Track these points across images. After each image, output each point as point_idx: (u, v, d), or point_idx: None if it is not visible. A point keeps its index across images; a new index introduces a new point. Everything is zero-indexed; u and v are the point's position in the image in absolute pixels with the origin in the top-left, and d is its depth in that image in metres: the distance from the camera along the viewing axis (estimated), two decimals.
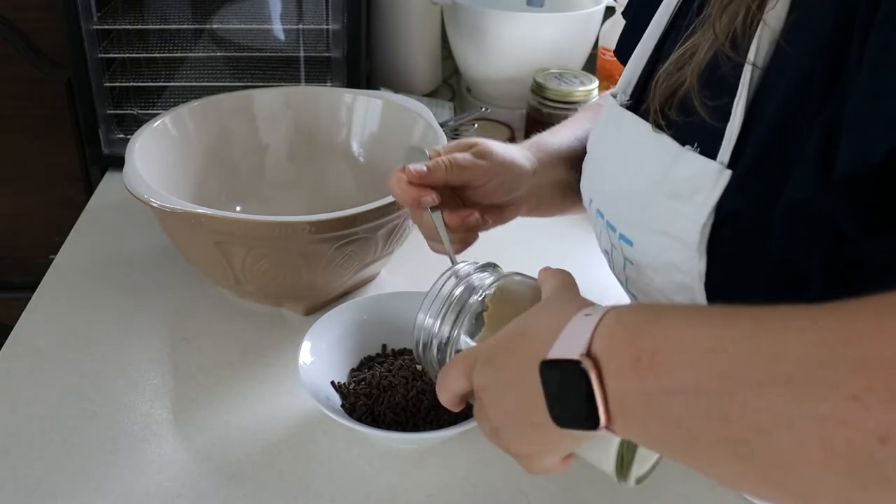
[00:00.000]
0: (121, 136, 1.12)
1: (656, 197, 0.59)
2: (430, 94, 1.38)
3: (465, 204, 0.72)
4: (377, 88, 1.24)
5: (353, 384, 0.72)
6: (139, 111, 1.13)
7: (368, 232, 0.79)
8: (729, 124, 0.54)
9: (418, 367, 0.72)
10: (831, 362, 0.35)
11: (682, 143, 0.58)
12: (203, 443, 0.71)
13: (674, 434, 0.41)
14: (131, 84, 1.12)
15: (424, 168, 0.68)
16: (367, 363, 0.76)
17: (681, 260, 0.57)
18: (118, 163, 1.06)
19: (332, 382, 0.73)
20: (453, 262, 0.66)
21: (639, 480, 0.53)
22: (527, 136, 1.21)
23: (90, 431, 0.72)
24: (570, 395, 0.44)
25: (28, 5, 1.20)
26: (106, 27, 1.07)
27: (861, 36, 0.46)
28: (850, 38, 0.46)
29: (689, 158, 0.57)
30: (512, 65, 1.25)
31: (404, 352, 0.77)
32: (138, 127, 0.90)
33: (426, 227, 0.71)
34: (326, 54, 1.11)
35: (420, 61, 1.34)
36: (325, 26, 1.10)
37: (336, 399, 0.71)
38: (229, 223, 0.76)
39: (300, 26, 1.13)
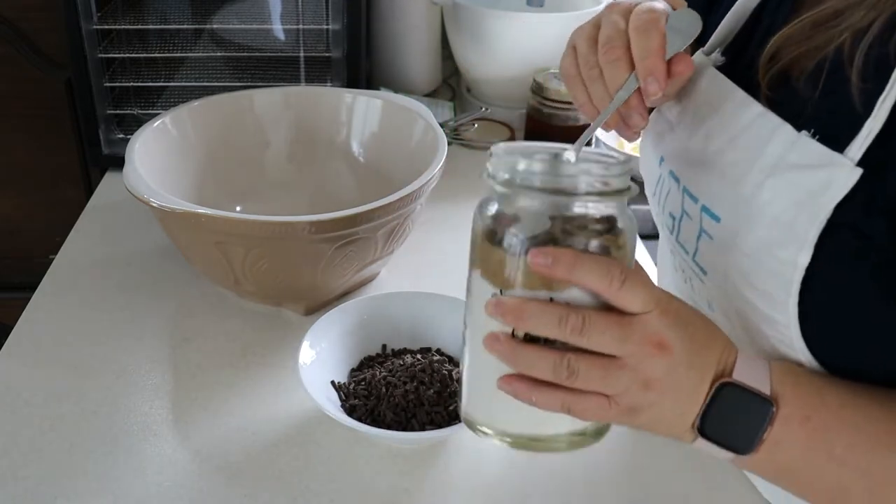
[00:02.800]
0: (121, 136, 1.12)
1: (757, 177, 0.55)
2: (430, 94, 1.38)
3: None
4: (377, 88, 1.24)
5: (353, 384, 0.72)
6: (139, 111, 1.13)
7: (368, 232, 0.79)
8: (870, 119, 0.49)
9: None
10: None
11: (795, 126, 0.53)
12: (203, 443, 0.71)
13: (820, 486, 0.51)
14: (131, 84, 1.12)
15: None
16: (367, 363, 0.76)
17: (782, 250, 0.53)
18: (118, 163, 1.06)
19: (332, 382, 0.73)
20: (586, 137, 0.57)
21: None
22: (527, 136, 1.21)
23: (90, 431, 0.72)
24: (740, 420, 0.50)
25: (28, 5, 1.20)
26: (106, 27, 1.07)
27: None
28: None
29: (808, 146, 0.52)
30: (512, 65, 1.25)
31: (404, 352, 0.77)
32: (138, 127, 0.90)
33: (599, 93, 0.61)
34: (326, 54, 1.11)
35: (420, 61, 1.35)
36: (325, 26, 1.10)
37: (336, 399, 0.71)
38: (229, 223, 0.76)
39: (300, 26, 1.13)
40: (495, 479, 0.69)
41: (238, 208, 0.96)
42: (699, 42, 0.66)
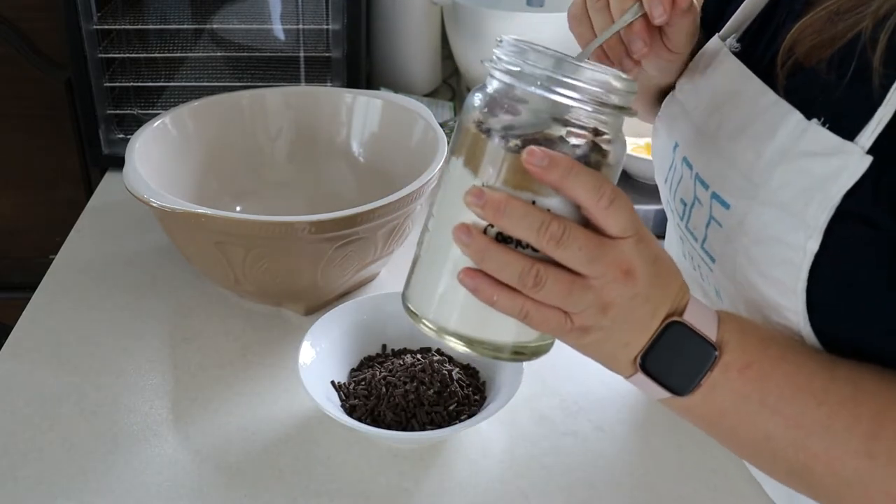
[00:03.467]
0: (121, 136, 1.12)
1: (767, 164, 0.55)
2: (430, 94, 1.38)
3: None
4: (377, 88, 1.24)
5: (353, 384, 0.72)
6: (139, 111, 1.13)
7: (368, 232, 0.79)
8: (882, 107, 0.49)
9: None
10: None
11: (805, 114, 0.53)
12: (203, 443, 0.71)
13: (746, 435, 0.52)
14: (131, 84, 1.12)
15: None
16: (367, 363, 0.76)
17: (791, 237, 0.53)
18: (118, 163, 1.06)
19: (332, 382, 0.73)
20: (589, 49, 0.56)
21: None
22: None
23: (90, 431, 0.72)
24: (682, 362, 0.51)
25: (28, 5, 1.20)
26: (106, 27, 1.07)
27: None
28: None
29: (819, 134, 0.52)
30: None
31: (404, 352, 0.77)
32: (138, 127, 0.90)
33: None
34: (326, 54, 1.11)
35: (420, 61, 1.35)
36: (325, 26, 1.10)
37: (336, 399, 0.71)
38: (229, 223, 0.76)
39: (300, 26, 1.13)
40: (495, 479, 0.69)
41: (238, 208, 0.96)
42: (714, 27, 0.67)
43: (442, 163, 0.85)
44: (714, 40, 0.66)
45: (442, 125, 0.96)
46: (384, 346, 0.78)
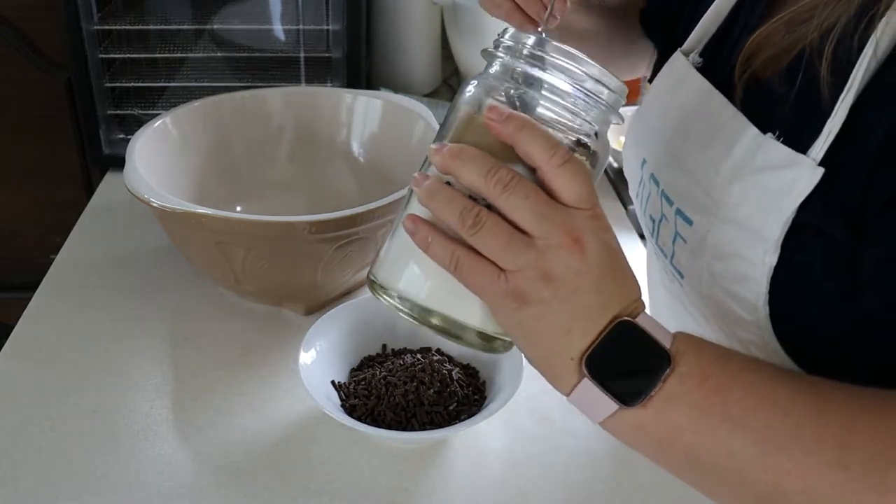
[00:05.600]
0: (121, 136, 1.12)
1: (724, 180, 0.55)
2: (430, 94, 1.38)
3: None
4: (377, 88, 1.24)
5: (353, 384, 0.72)
6: (139, 111, 1.13)
7: (368, 232, 0.79)
8: (830, 119, 0.48)
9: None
10: (888, 469, 0.42)
11: (761, 128, 0.53)
12: (203, 443, 0.71)
13: (706, 456, 0.45)
14: (132, 84, 1.12)
15: None
16: (367, 363, 0.76)
17: (750, 252, 0.53)
18: (118, 163, 1.06)
19: (332, 382, 0.73)
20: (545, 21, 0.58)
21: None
22: None
23: (90, 431, 0.72)
24: (634, 367, 0.45)
25: (28, 6, 1.20)
26: (106, 28, 1.07)
27: None
28: None
29: (773, 148, 0.52)
30: None
31: (404, 352, 0.77)
32: (139, 127, 0.90)
33: None
34: (327, 55, 1.11)
35: (420, 61, 1.35)
36: (326, 27, 1.10)
37: (336, 399, 0.71)
38: (229, 223, 0.76)
39: (300, 27, 1.13)
40: (495, 479, 0.69)
41: (238, 208, 0.96)
42: (676, 42, 0.67)
43: None
44: (677, 55, 0.65)
45: None
46: (384, 346, 0.78)
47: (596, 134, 0.49)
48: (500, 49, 0.49)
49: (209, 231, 0.77)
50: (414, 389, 0.70)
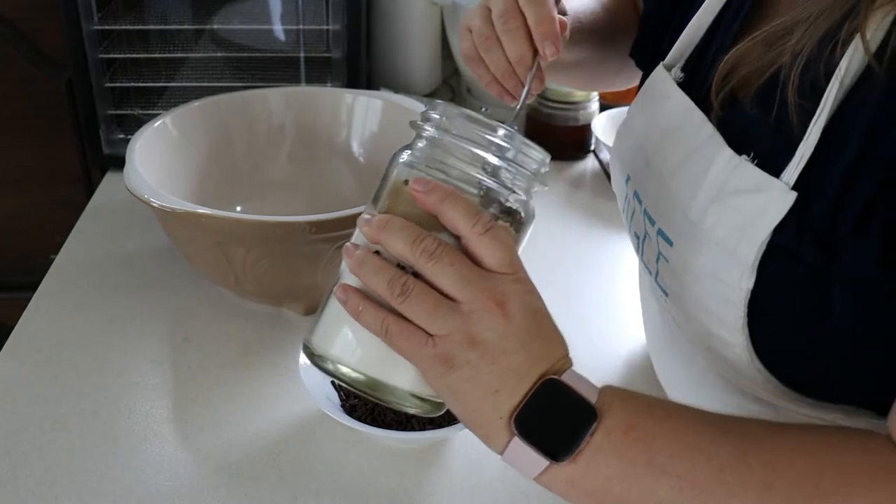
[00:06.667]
0: (121, 136, 1.12)
1: (702, 202, 0.55)
2: (430, 94, 1.38)
3: None
4: (377, 88, 1.24)
5: None
6: (140, 111, 1.13)
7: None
8: (803, 142, 0.49)
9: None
10: None
11: (737, 149, 0.53)
12: (203, 443, 0.71)
13: (637, 503, 0.47)
14: (132, 84, 1.12)
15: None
16: None
17: (728, 276, 0.53)
18: (119, 163, 1.05)
19: (333, 382, 0.73)
20: (520, 107, 0.61)
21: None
22: (527, 136, 1.21)
23: (90, 431, 0.72)
24: (561, 423, 0.47)
25: (28, 6, 1.20)
26: (106, 28, 1.07)
27: None
28: None
29: (747, 171, 0.52)
30: None
31: None
32: (139, 127, 0.90)
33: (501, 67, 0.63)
34: (326, 55, 1.11)
35: (420, 61, 1.35)
36: (326, 27, 1.10)
37: (336, 399, 0.71)
38: (229, 223, 0.76)
39: (300, 27, 1.13)
40: (495, 479, 0.69)
41: (238, 208, 0.96)
42: (659, 54, 0.66)
43: None
44: (660, 69, 0.65)
45: None
46: None
47: (521, 201, 0.51)
48: (428, 123, 0.51)
49: (209, 231, 0.77)
50: None
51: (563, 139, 1.17)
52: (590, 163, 1.18)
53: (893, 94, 0.45)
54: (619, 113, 1.17)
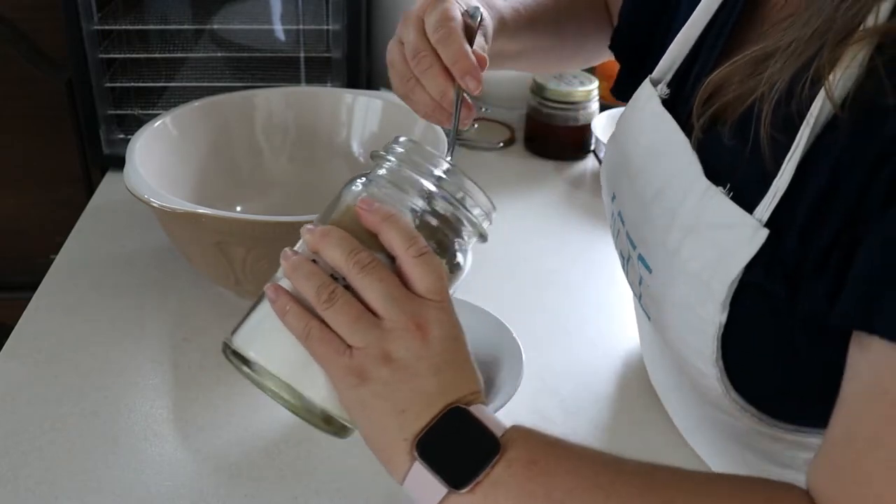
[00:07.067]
0: (121, 136, 1.12)
1: (678, 233, 0.55)
2: None
3: None
4: (377, 88, 1.24)
5: None
6: (140, 111, 1.13)
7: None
8: (776, 179, 0.48)
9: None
10: None
11: (715, 177, 0.53)
12: (203, 443, 0.71)
13: None
14: (132, 84, 1.12)
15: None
16: None
17: (701, 308, 0.53)
18: (119, 163, 1.05)
19: None
20: (451, 143, 0.62)
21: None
22: (527, 137, 1.22)
23: (90, 431, 0.72)
24: (463, 452, 0.47)
25: (28, 6, 1.20)
26: (106, 28, 1.07)
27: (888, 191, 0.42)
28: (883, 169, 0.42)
29: (722, 204, 0.52)
30: None
31: None
32: (139, 127, 0.90)
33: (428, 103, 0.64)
34: (327, 55, 1.11)
35: None
36: (326, 27, 1.10)
37: None
38: (229, 223, 0.76)
39: (300, 27, 1.13)
40: None
41: (238, 208, 0.96)
42: (647, 69, 0.65)
43: None
44: (647, 85, 0.64)
45: None
46: None
47: (460, 242, 0.53)
48: (390, 154, 0.53)
49: (209, 231, 0.77)
50: None
51: (563, 139, 1.18)
52: (590, 163, 1.19)
53: (856, 138, 0.44)
54: (619, 113, 1.16)
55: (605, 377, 0.80)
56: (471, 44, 0.61)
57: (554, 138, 1.18)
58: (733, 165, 0.52)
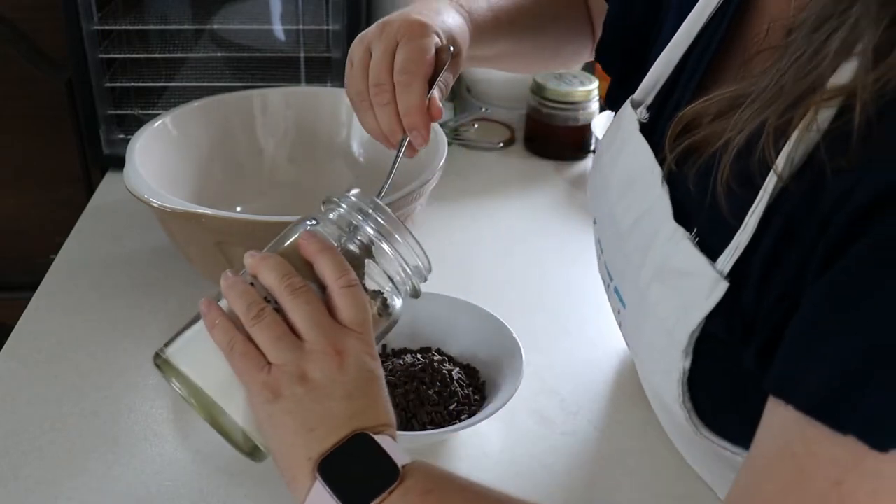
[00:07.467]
0: (121, 136, 1.12)
1: (648, 274, 0.55)
2: None
3: None
4: None
5: None
6: (140, 111, 1.13)
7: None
8: (739, 232, 0.48)
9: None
10: None
11: (683, 216, 0.53)
12: (203, 442, 0.71)
13: None
14: (132, 84, 1.12)
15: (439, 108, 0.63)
16: None
17: (667, 352, 0.54)
18: (119, 163, 1.05)
19: None
20: (386, 181, 0.64)
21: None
22: (527, 137, 1.22)
23: (90, 431, 0.72)
24: (363, 476, 0.49)
25: (28, 6, 1.20)
26: (106, 28, 1.07)
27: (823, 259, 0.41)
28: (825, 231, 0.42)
29: (687, 251, 0.51)
30: None
31: (404, 351, 0.77)
32: (139, 127, 0.90)
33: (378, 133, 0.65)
34: (327, 55, 1.11)
35: None
36: (326, 27, 1.10)
37: None
38: (229, 223, 0.76)
39: (300, 27, 1.13)
40: (495, 479, 0.69)
41: (238, 208, 0.96)
42: (636, 80, 0.64)
43: (441, 164, 0.85)
44: (627, 107, 0.62)
45: (442, 125, 0.96)
46: (384, 346, 0.78)
47: (391, 293, 0.56)
48: (342, 202, 0.57)
49: (209, 231, 0.77)
50: (414, 389, 0.70)
51: (563, 139, 1.18)
52: (590, 163, 1.19)
53: (806, 198, 0.44)
54: None
55: (605, 377, 0.80)
56: (437, 76, 0.62)
57: (554, 138, 1.18)
58: (699, 209, 0.51)
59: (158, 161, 0.87)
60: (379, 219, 0.56)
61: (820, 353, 0.41)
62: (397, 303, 0.57)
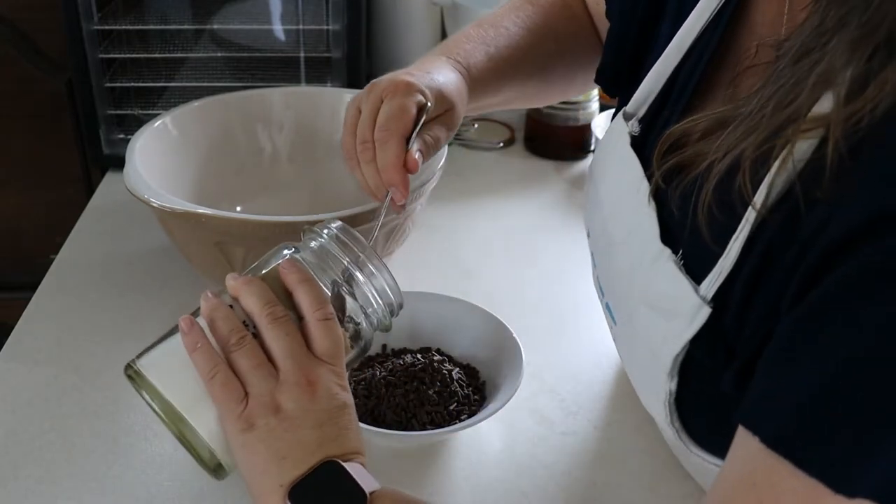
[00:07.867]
0: (121, 136, 1.12)
1: (636, 297, 0.55)
2: None
3: None
4: None
5: (354, 384, 0.72)
6: (140, 111, 1.13)
7: (368, 232, 0.79)
8: (722, 258, 0.48)
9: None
10: None
11: (670, 236, 0.53)
12: None
13: None
14: (132, 84, 1.12)
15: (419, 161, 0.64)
16: (367, 363, 0.76)
17: (653, 374, 0.54)
18: (119, 163, 1.05)
19: None
20: (373, 232, 0.65)
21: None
22: (527, 137, 1.22)
23: (90, 431, 0.72)
24: (330, 501, 0.50)
25: (28, 6, 1.20)
26: (106, 28, 1.07)
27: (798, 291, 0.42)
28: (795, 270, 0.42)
29: (672, 274, 0.51)
30: None
31: (404, 352, 0.77)
32: (139, 127, 0.90)
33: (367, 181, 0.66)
34: (327, 55, 1.11)
35: None
36: (326, 27, 1.10)
37: None
38: (229, 223, 0.76)
39: (300, 27, 1.13)
40: (495, 479, 0.69)
41: (238, 208, 0.96)
42: (625, 97, 0.63)
43: (441, 164, 0.85)
44: (619, 120, 0.62)
45: None
46: (384, 346, 0.78)
47: (363, 327, 0.58)
48: (324, 230, 0.58)
49: (209, 231, 0.77)
50: (414, 389, 0.70)
51: (563, 139, 1.17)
52: (589, 163, 1.18)
53: (783, 232, 0.44)
54: None
55: (605, 377, 0.80)
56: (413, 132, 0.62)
57: (554, 138, 1.18)
58: (683, 231, 0.51)
59: (158, 161, 0.87)
60: (360, 255, 0.58)
61: (785, 385, 0.41)
62: (368, 332, 0.59)
